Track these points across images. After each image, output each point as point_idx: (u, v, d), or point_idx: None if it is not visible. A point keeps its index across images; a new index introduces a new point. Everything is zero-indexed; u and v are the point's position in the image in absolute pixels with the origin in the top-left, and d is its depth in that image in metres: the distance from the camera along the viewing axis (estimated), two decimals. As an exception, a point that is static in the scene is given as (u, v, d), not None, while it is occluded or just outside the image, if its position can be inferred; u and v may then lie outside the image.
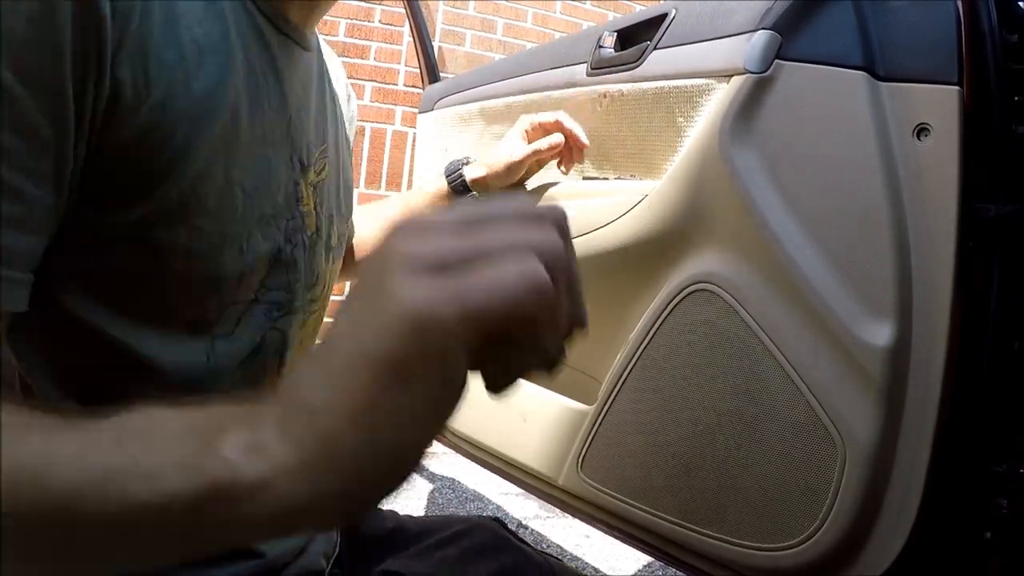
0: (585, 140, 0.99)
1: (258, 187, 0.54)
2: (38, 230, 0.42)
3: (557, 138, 0.99)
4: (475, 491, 2.36)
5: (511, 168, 1.01)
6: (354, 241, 0.99)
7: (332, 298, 0.72)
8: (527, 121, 1.02)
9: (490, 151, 1.05)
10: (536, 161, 1.04)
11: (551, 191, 1.20)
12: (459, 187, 1.03)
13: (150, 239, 0.47)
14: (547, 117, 1.00)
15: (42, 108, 0.40)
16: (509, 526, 0.82)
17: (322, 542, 0.69)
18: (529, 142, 1.01)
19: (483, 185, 1.03)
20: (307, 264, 0.62)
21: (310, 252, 0.62)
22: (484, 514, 2.17)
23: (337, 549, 0.72)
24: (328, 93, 0.71)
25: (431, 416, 0.30)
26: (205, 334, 0.53)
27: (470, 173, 1.03)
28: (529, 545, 0.79)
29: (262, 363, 0.58)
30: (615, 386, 1.01)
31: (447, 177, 1.04)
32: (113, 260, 0.48)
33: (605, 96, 1.05)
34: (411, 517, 0.81)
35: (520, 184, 1.09)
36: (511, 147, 1.01)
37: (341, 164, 0.73)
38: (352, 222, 0.92)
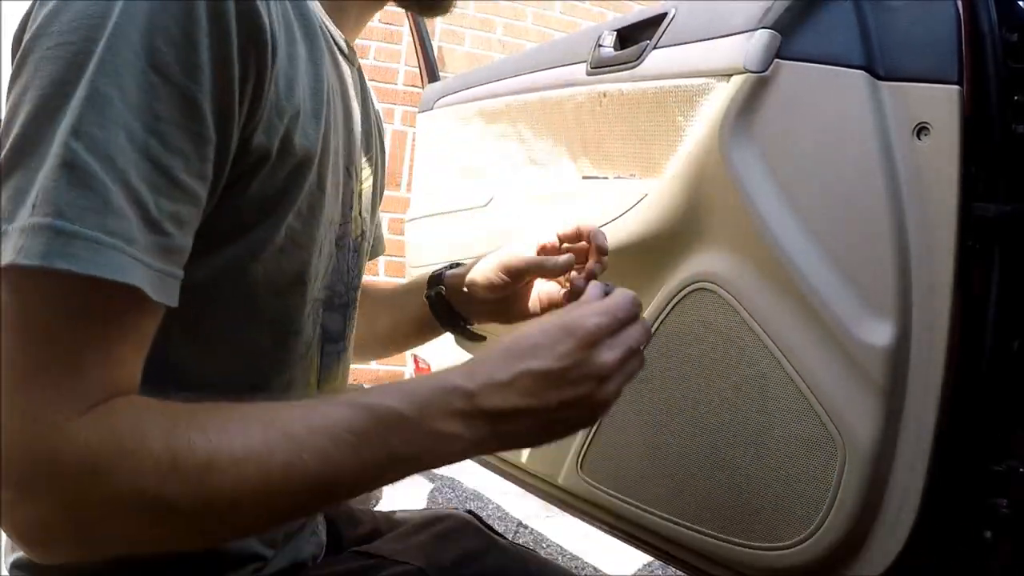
0: (606, 245, 0.74)
1: (332, 193, 0.59)
2: (193, 230, 0.46)
3: (568, 259, 0.74)
4: (475, 491, 2.35)
5: (510, 272, 0.76)
6: None
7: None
8: (547, 233, 0.78)
9: (493, 252, 0.79)
10: (535, 298, 0.79)
11: (552, 191, 1.20)
12: (435, 280, 0.83)
13: (255, 239, 0.52)
14: (566, 228, 0.77)
15: (212, 114, 0.44)
16: (487, 520, 0.83)
17: (314, 544, 0.70)
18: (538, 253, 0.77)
19: (465, 284, 0.79)
20: (354, 264, 0.68)
21: (354, 253, 0.67)
22: (484, 513, 2.17)
23: (323, 551, 0.73)
24: (372, 106, 0.76)
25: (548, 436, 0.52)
26: (282, 328, 0.57)
27: (453, 271, 0.82)
28: (501, 535, 0.79)
29: (310, 357, 0.62)
30: (615, 386, 1.00)
31: (429, 284, 0.84)
32: (219, 256, 0.51)
33: (605, 95, 1.05)
34: (385, 516, 0.82)
35: (503, 309, 0.79)
36: (517, 251, 0.77)
37: (379, 170, 0.78)
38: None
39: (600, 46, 1.07)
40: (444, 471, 2.49)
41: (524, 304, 0.79)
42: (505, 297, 0.78)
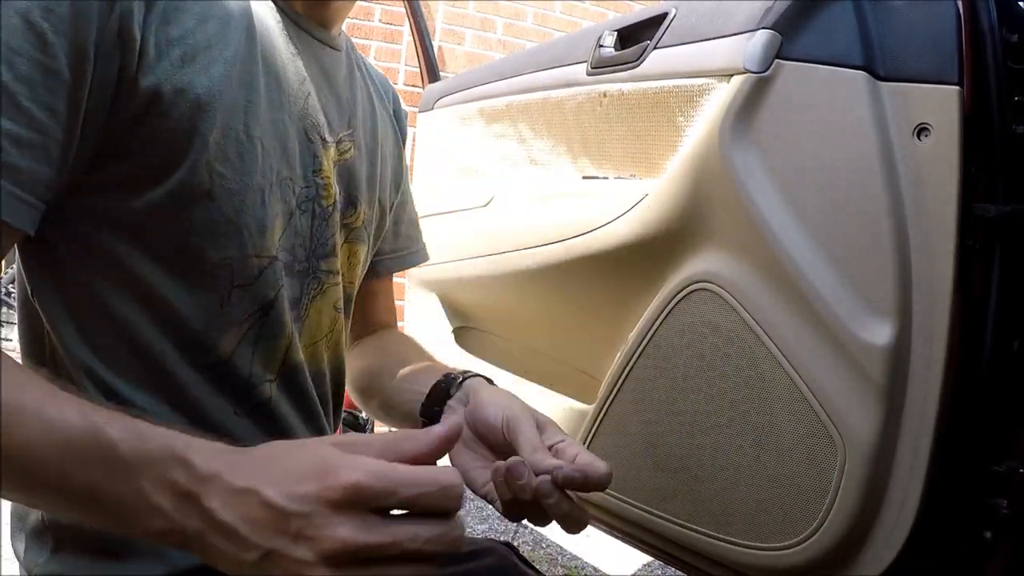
0: (599, 483, 0.56)
1: (275, 147, 0.60)
2: (48, 160, 0.48)
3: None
4: (475, 490, 2.35)
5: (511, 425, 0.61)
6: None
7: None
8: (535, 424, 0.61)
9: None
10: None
11: (552, 191, 1.20)
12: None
13: (175, 182, 0.53)
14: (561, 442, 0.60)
15: (64, 50, 0.47)
16: (517, 536, 0.79)
17: None
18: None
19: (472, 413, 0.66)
20: (316, 232, 0.66)
21: (321, 221, 0.67)
22: (485, 513, 2.17)
23: None
24: (365, 93, 0.77)
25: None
26: (224, 281, 0.58)
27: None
28: (540, 573, 0.77)
29: (276, 318, 0.62)
30: (615, 385, 1.01)
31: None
32: (141, 201, 0.53)
33: (605, 96, 1.05)
34: None
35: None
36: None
37: (379, 157, 0.78)
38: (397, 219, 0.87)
39: (600, 46, 1.08)
40: (444, 471, 2.49)
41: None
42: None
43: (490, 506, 0.64)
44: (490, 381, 0.70)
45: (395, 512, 0.40)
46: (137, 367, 0.56)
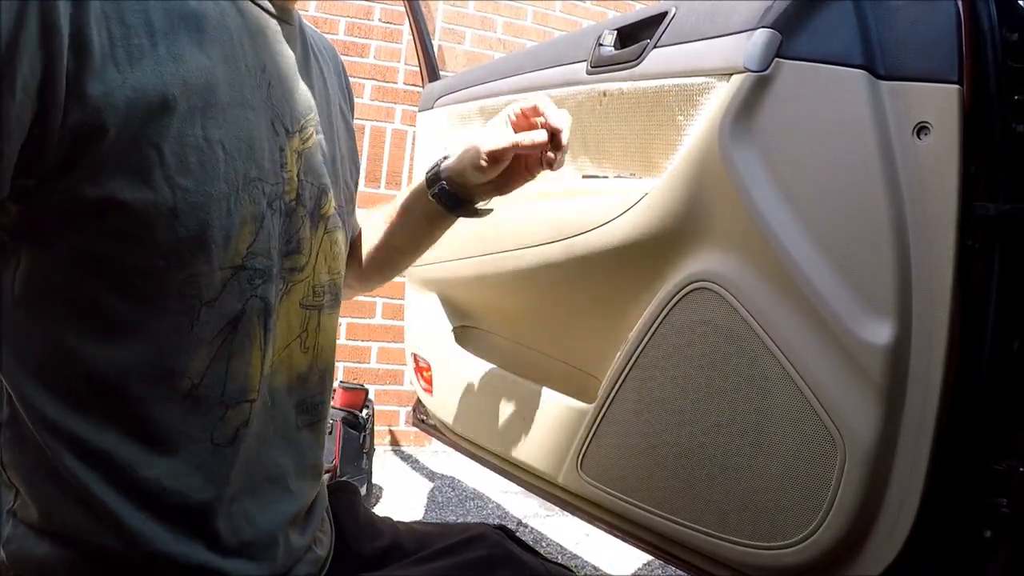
0: (565, 137, 0.79)
1: (240, 148, 0.55)
2: None
3: (540, 135, 0.78)
4: (475, 490, 2.35)
5: (492, 156, 0.80)
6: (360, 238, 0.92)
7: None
8: (511, 109, 0.82)
9: (471, 137, 0.85)
10: (524, 165, 0.83)
11: (552, 189, 1.20)
12: (434, 178, 0.85)
13: (135, 200, 0.49)
14: (527, 104, 0.80)
15: None
16: (515, 531, 0.78)
17: (310, 563, 0.67)
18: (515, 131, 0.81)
19: (459, 174, 0.83)
20: (283, 230, 0.61)
21: (287, 218, 0.62)
22: (484, 512, 2.17)
23: (324, 569, 0.69)
24: (316, 67, 0.72)
25: None
26: (192, 300, 0.54)
27: (447, 164, 0.85)
28: (536, 552, 0.76)
29: (245, 331, 0.57)
30: (615, 384, 1.00)
31: (426, 172, 0.87)
32: (100, 225, 0.49)
33: (605, 95, 1.05)
34: (409, 529, 0.78)
35: (502, 183, 0.85)
36: (494, 134, 0.81)
37: (336, 137, 0.73)
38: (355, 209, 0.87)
39: (600, 45, 1.07)
40: (444, 470, 2.49)
41: (517, 174, 0.83)
42: (499, 174, 0.82)
43: (488, 506, 0.64)
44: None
45: None
46: (99, 405, 0.53)
